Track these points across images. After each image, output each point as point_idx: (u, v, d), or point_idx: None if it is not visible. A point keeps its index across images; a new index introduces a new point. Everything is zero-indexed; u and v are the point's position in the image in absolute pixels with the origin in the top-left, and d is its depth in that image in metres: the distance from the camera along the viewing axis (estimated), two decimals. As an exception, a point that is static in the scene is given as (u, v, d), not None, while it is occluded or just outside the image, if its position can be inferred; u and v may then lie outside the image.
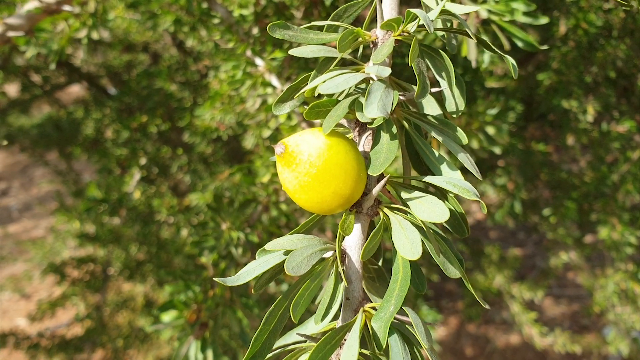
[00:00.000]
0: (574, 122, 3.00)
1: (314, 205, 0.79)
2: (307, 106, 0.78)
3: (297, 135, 0.79)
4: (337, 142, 0.77)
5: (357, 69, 0.81)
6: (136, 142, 3.28)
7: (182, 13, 2.36)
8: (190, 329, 1.67)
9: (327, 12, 1.97)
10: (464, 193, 0.74)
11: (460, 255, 0.80)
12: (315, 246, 0.77)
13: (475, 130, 1.89)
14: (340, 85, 0.73)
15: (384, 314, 0.74)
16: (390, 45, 0.77)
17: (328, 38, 0.83)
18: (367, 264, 0.88)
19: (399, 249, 0.73)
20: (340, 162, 0.76)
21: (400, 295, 0.74)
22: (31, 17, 1.78)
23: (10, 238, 6.63)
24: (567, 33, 2.77)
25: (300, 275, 0.75)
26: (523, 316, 3.53)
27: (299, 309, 0.76)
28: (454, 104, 0.82)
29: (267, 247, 0.78)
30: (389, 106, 0.72)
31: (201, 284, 1.78)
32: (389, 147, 0.76)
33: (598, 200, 3.04)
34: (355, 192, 0.79)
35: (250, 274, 0.77)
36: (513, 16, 1.41)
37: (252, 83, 1.90)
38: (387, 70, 0.74)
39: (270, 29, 0.81)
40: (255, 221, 1.92)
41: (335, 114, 0.76)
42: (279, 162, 0.79)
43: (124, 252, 3.63)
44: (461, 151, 0.78)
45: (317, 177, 0.77)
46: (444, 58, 0.79)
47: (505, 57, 0.79)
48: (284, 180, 0.80)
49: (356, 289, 0.79)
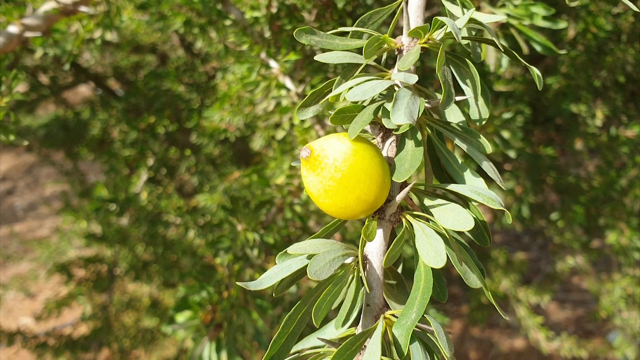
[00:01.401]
0: (583, 126, 2.99)
1: (338, 210, 0.79)
2: (332, 111, 0.78)
3: (322, 140, 0.79)
4: (362, 147, 0.78)
5: (382, 75, 0.81)
6: (144, 142, 3.28)
7: (193, 14, 2.37)
8: (205, 329, 1.68)
9: (339, 14, 1.97)
10: (489, 202, 0.74)
11: (482, 265, 0.80)
12: (337, 251, 0.77)
13: (491, 133, 1.89)
14: (368, 92, 0.73)
15: (405, 322, 0.74)
16: (416, 53, 0.77)
17: (353, 44, 0.84)
18: (386, 271, 0.88)
19: (422, 257, 0.73)
20: (365, 168, 0.77)
21: (423, 303, 0.74)
22: (48, 17, 1.79)
23: (16, 237, 6.64)
24: (576, 37, 2.77)
25: (322, 280, 0.75)
26: (529, 320, 3.53)
27: (321, 313, 0.76)
28: (477, 113, 0.82)
29: (289, 251, 0.78)
30: (416, 113, 0.72)
31: (215, 284, 1.78)
32: (414, 154, 0.76)
33: (606, 205, 3.04)
34: (379, 198, 0.79)
35: (273, 278, 0.77)
36: (532, 20, 1.41)
37: (267, 85, 1.91)
38: (414, 78, 0.74)
39: (297, 35, 0.81)
40: (269, 222, 1.93)
41: (361, 119, 0.76)
42: (304, 165, 0.79)
43: (130, 253, 3.64)
44: (485, 160, 0.78)
45: (342, 182, 0.77)
46: (469, 66, 0.79)
47: (531, 68, 0.79)
48: (309, 184, 0.80)
49: (377, 295, 0.79)
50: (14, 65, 2.79)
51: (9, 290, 5.57)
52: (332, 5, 1.96)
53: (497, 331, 4.98)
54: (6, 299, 5.86)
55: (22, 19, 1.75)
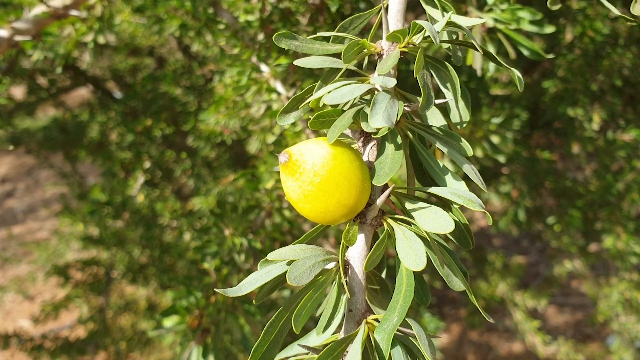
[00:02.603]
0: (580, 130, 2.99)
1: (318, 215, 0.79)
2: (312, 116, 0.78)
3: (301, 144, 0.79)
4: (341, 151, 0.77)
5: (362, 79, 0.80)
6: (140, 145, 3.28)
7: (188, 18, 2.37)
8: (192, 334, 1.67)
9: (332, 18, 1.97)
10: (469, 204, 0.74)
11: (465, 267, 0.80)
12: (318, 256, 0.77)
13: (480, 138, 1.88)
14: (346, 96, 0.73)
15: (387, 326, 0.73)
16: (395, 57, 0.76)
17: (333, 49, 0.83)
18: (370, 275, 0.87)
19: (403, 260, 0.73)
20: (344, 172, 0.76)
21: (404, 306, 0.73)
22: (38, 21, 1.79)
23: (15, 239, 6.65)
24: (573, 41, 2.77)
25: (302, 285, 0.74)
26: (526, 324, 3.52)
27: (301, 319, 0.75)
28: (458, 116, 0.82)
29: (269, 257, 0.78)
30: (394, 116, 0.72)
31: (203, 289, 1.77)
32: (394, 157, 0.76)
33: (603, 209, 3.03)
34: (359, 202, 0.78)
35: (252, 284, 0.77)
36: (519, 25, 1.41)
37: (257, 89, 1.90)
38: (393, 82, 0.74)
39: (276, 39, 0.81)
40: (258, 227, 1.92)
41: (340, 123, 0.75)
42: (283, 171, 0.78)
43: (127, 255, 3.64)
44: (466, 162, 0.78)
45: (321, 187, 0.76)
46: (449, 69, 0.79)
47: (511, 69, 0.78)
48: (288, 190, 0.79)
49: (359, 300, 0.79)
50: (10, 68, 2.80)
51: (8, 293, 5.58)
52: (326, 8, 1.96)
53: (495, 335, 4.97)
54: (5, 301, 5.87)
55: (12, 22, 1.74)
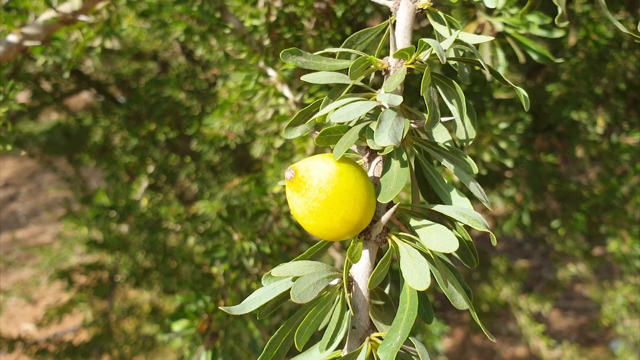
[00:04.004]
0: (584, 134, 2.98)
1: (323, 232, 0.79)
2: (318, 131, 0.78)
3: (307, 160, 0.79)
4: (347, 168, 0.77)
5: (369, 96, 0.80)
6: (144, 149, 3.29)
7: (193, 22, 2.37)
8: (201, 338, 1.67)
9: (338, 23, 1.97)
10: (474, 224, 0.73)
11: (468, 285, 0.79)
12: (322, 273, 0.77)
13: (487, 143, 1.88)
14: (352, 114, 0.73)
15: (390, 344, 0.73)
16: (402, 74, 0.76)
17: (340, 65, 0.83)
18: (374, 292, 0.87)
19: (407, 279, 0.73)
20: (349, 189, 0.76)
21: (408, 325, 0.73)
22: (47, 26, 1.80)
23: (18, 244, 6.66)
24: (576, 44, 2.76)
25: (306, 302, 0.74)
26: (530, 328, 3.51)
27: (304, 337, 0.75)
28: (464, 133, 0.82)
29: (273, 273, 0.78)
30: (400, 134, 0.72)
31: (212, 293, 1.78)
32: (399, 174, 0.76)
33: (607, 213, 3.02)
34: (364, 219, 0.78)
35: (256, 302, 0.77)
36: (528, 29, 1.41)
37: (265, 93, 1.91)
38: (399, 99, 0.74)
39: (283, 56, 0.81)
40: (266, 231, 1.92)
41: (346, 140, 0.75)
42: (289, 186, 0.78)
43: (131, 260, 3.64)
44: (471, 180, 0.78)
45: (326, 203, 0.76)
46: (455, 87, 0.79)
47: (517, 89, 0.78)
48: (293, 205, 0.79)
49: (362, 317, 0.79)
50: (15, 73, 2.81)
51: (11, 297, 5.58)
52: (332, 13, 1.96)
53: (498, 339, 4.96)
54: (8, 305, 5.88)
55: (22, 28, 1.75)
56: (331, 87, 0.89)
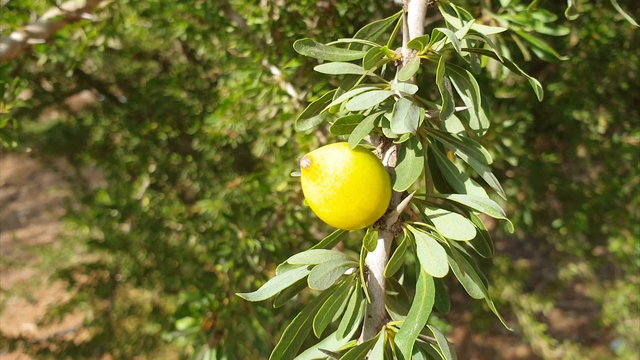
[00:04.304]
0: (585, 133, 2.99)
1: (338, 220, 0.79)
2: (332, 121, 0.78)
3: (322, 149, 0.79)
4: (362, 157, 0.77)
5: (382, 86, 0.81)
6: (146, 149, 3.29)
7: (195, 21, 2.38)
8: (206, 337, 1.67)
9: (340, 21, 1.97)
10: (490, 212, 0.74)
11: (484, 275, 0.80)
12: (338, 261, 0.77)
13: (492, 141, 1.89)
14: (368, 102, 0.73)
15: (407, 332, 0.73)
16: (416, 64, 0.77)
17: (353, 56, 0.83)
18: (388, 281, 0.87)
19: (424, 266, 0.73)
20: (365, 177, 0.76)
21: (425, 313, 0.73)
22: (51, 24, 1.80)
23: (18, 243, 6.64)
24: (578, 44, 2.77)
25: (323, 290, 0.74)
26: (532, 328, 3.51)
27: (322, 324, 0.75)
28: (478, 124, 0.82)
29: (289, 262, 0.78)
30: (416, 122, 0.72)
31: (216, 292, 1.78)
32: (415, 163, 0.76)
33: (609, 212, 3.03)
34: (380, 208, 0.78)
35: (273, 289, 0.77)
36: (534, 27, 1.41)
37: (268, 92, 1.91)
38: (414, 88, 0.74)
39: (297, 46, 0.81)
40: (270, 230, 1.92)
41: (362, 129, 0.76)
42: (304, 175, 0.78)
43: (132, 259, 3.64)
44: (486, 170, 0.78)
45: (342, 191, 0.76)
46: (469, 77, 0.79)
47: (531, 79, 0.79)
48: (309, 194, 0.79)
49: (378, 306, 0.79)
50: (17, 72, 2.80)
51: (12, 296, 5.56)
52: (334, 12, 1.97)
53: (499, 339, 4.96)
54: (8, 305, 5.86)
55: (26, 26, 1.75)
56: (334, 86, 0.89)
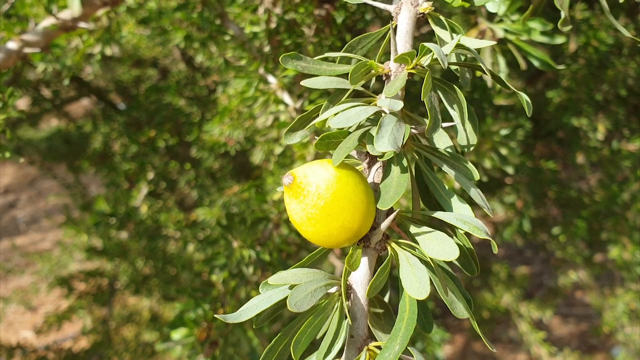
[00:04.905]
0: (584, 140, 2.98)
1: (321, 239, 0.78)
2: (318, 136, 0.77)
3: (305, 166, 0.78)
4: (346, 174, 0.76)
5: (369, 101, 0.79)
6: (144, 156, 3.28)
7: (193, 29, 2.37)
8: (200, 347, 1.66)
9: (338, 29, 1.97)
10: (474, 231, 0.72)
11: (468, 294, 0.78)
12: (320, 281, 0.75)
13: (488, 150, 1.88)
14: (352, 119, 0.72)
15: (388, 354, 0.71)
16: (403, 79, 0.75)
17: (341, 70, 0.82)
18: (373, 300, 0.86)
19: (406, 288, 0.71)
20: (348, 195, 0.75)
21: (406, 335, 0.72)
22: (47, 33, 1.79)
23: (18, 250, 6.64)
24: (577, 50, 2.76)
25: (302, 311, 0.73)
26: (531, 335, 3.49)
27: (300, 346, 0.74)
28: (465, 139, 0.81)
29: (270, 281, 0.76)
30: (400, 140, 0.71)
31: (211, 301, 1.77)
32: (399, 180, 0.75)
33: (608, 219, 3.01)
34: (364, 226, 0.77)
35: (252, 310, 0.75)
36: (530, 35, 1.40)
37: (265, 100, 1.90)
38: (399, 104, 0.73)
39: (283, 60, 0.80)
40: (266, 239, 1.91)
41: (346, 146, 0.75)
42: (287, 192, 0.77)
43: (130, 266, 3.63)
44: (472, 187, 0.77)
45: (324, 210, 0.75)
46: (457, 92, 0.78)
47: (519, 94, 0.77)
48: (291, 212, 0.78)
49: (361, 326, 0.77)
50: (15, 80, 2.80)
51: (10, 304, 5.56)
52: (332, 20, 1.96)
53: (499, 346, 4.93)
54: (7, 313, 5.85)
55: (22, 35, 1.75)
56: (328, 93, 0.88)
